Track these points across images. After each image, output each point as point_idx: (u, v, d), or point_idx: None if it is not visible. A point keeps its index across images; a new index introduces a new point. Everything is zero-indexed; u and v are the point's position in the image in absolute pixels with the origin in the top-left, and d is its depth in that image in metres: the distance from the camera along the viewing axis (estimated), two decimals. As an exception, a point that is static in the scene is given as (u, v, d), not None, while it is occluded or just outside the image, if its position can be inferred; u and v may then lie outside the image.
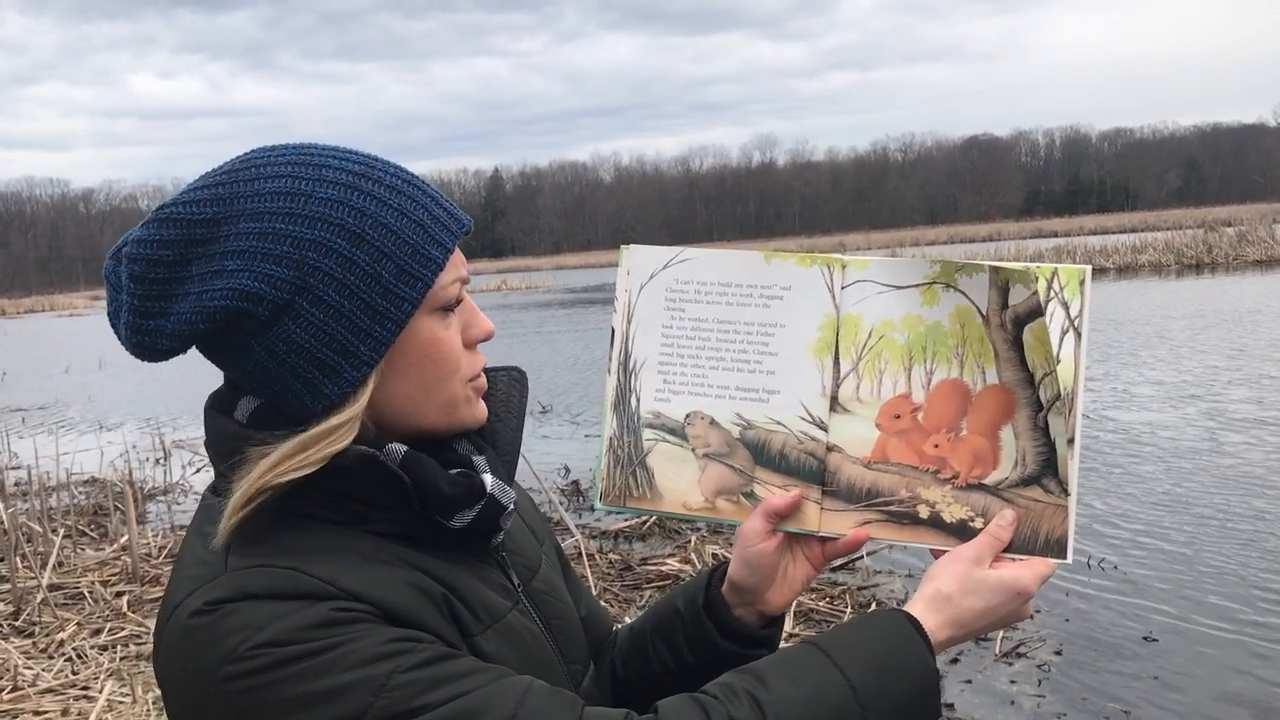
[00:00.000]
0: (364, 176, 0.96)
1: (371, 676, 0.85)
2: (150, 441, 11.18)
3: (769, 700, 0.93)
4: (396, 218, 0.96)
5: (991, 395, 1.09)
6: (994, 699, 4.20)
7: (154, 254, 0.93)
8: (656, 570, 5.88)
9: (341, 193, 0.95)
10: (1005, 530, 1.07)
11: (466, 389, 1.04)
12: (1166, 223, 53.89)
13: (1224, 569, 5.49)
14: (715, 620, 1.17)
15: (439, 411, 1.02)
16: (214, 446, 1.00)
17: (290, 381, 0.95)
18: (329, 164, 0.96)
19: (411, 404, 1.00)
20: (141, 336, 0.95)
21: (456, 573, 1.00)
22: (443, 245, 0.98)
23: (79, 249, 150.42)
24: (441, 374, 1.00)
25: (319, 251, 0.93)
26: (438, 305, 0.99)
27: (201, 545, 0.95)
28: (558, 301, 38.53)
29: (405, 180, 0.99)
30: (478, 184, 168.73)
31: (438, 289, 0.98)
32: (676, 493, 1.17)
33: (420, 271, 0.96)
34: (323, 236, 0.93)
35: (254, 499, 0.92)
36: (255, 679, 0.85)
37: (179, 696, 0.90)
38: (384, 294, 0.95)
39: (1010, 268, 1.08)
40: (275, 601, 0.87)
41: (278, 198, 0.94)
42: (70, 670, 4.63)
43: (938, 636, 1.01)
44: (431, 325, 0.99)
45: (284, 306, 0.93)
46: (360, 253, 0.94)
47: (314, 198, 0.94)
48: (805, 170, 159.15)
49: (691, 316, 1.17)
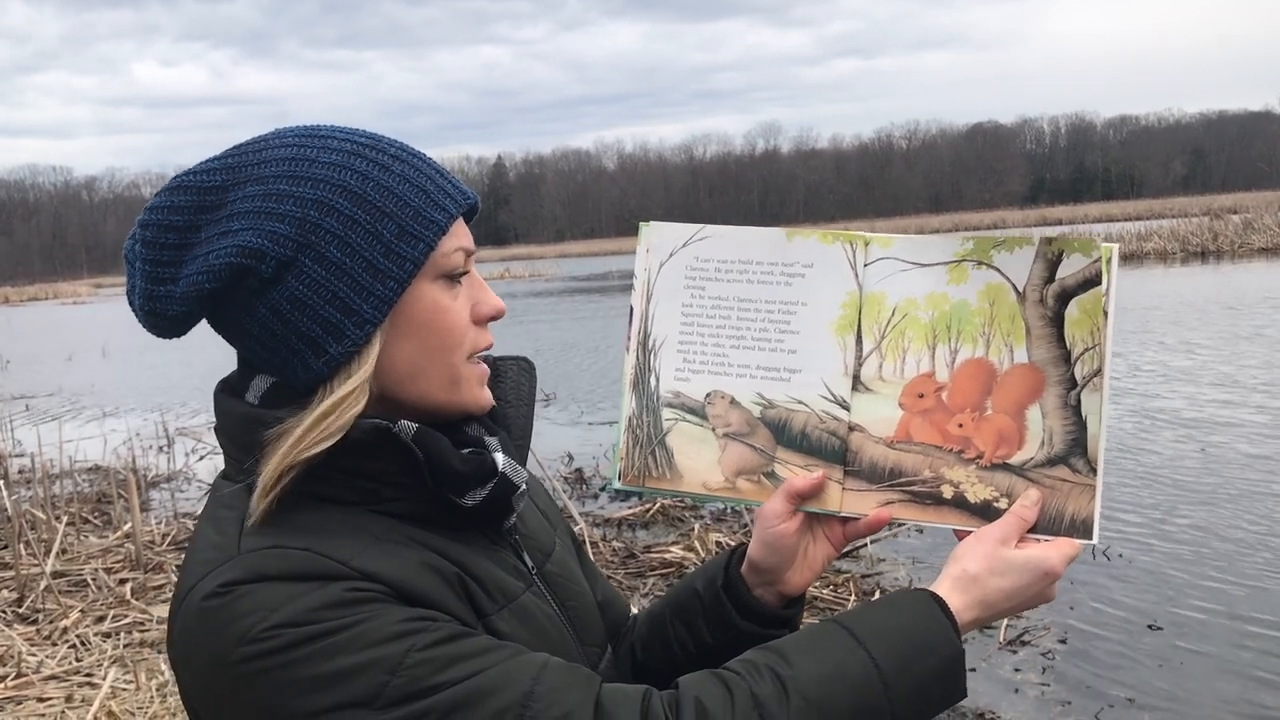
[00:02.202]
0: (368, 146, 0.99)
1: (387, 656, 0.85)
2: (154, 429, 11.20)
3: (791, 676, 0.91)
4: (398, 182, 0.97)
5: (1018, 374, 1.08)
6: (998, 687, 4.19)
7: (166, 219, 0.95)
8: (660, 558, 5.88)
9: (344, 158, 0.97)
10: (1031, 510, 1.05)
11: (471, 367, 1.03)
12: (1172, 210, 53.80)
13: (1231, 559, 5.48)
14: (735, 600, 1.16)
15: (442, 385, 1.01)
16: (226, 431, 0.99)
17: (295, 343, 0.95)
18: (335, 135, 0.99)
19: (416, 371, 0.99)
20: (153, 303, 0.96)
21: (470, 554, 1.00)
22: (445, 210, 0.99)
23: (82, 237, 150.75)
24: (445, 344, 1.00)
25: (321, 210, 0.94)
26: (441, 272, 0.99)
27: (214, 530, 0.95)
28: (561, 289, 38.55)
29: (409, 152, 1.01)
30: (481, 171, 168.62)
31: (440, 255, 0.98)
32: (696, 473, 1.15)
33: (421, 232, 0.96)
34: (325, 196, 0.95)
35: (282, 477, 0.92)
36: (270, 660, 0.84)
37: (195, 679, 0.90)
38: (385, 252, 0.95)
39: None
40: (289, 583, 0.87)
41: (282, 163, 0.96)
42: (74, 657, 4.64)
43: (963, 617, 1.00)
44: (435, 292, 0.99)
45: (287, 263, 0.94)
46: (361, 212, 0.95)
47: (317, 162, 0.96)
48: (809, 158, 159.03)
49: (712, 295, 1.15)
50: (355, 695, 0.84)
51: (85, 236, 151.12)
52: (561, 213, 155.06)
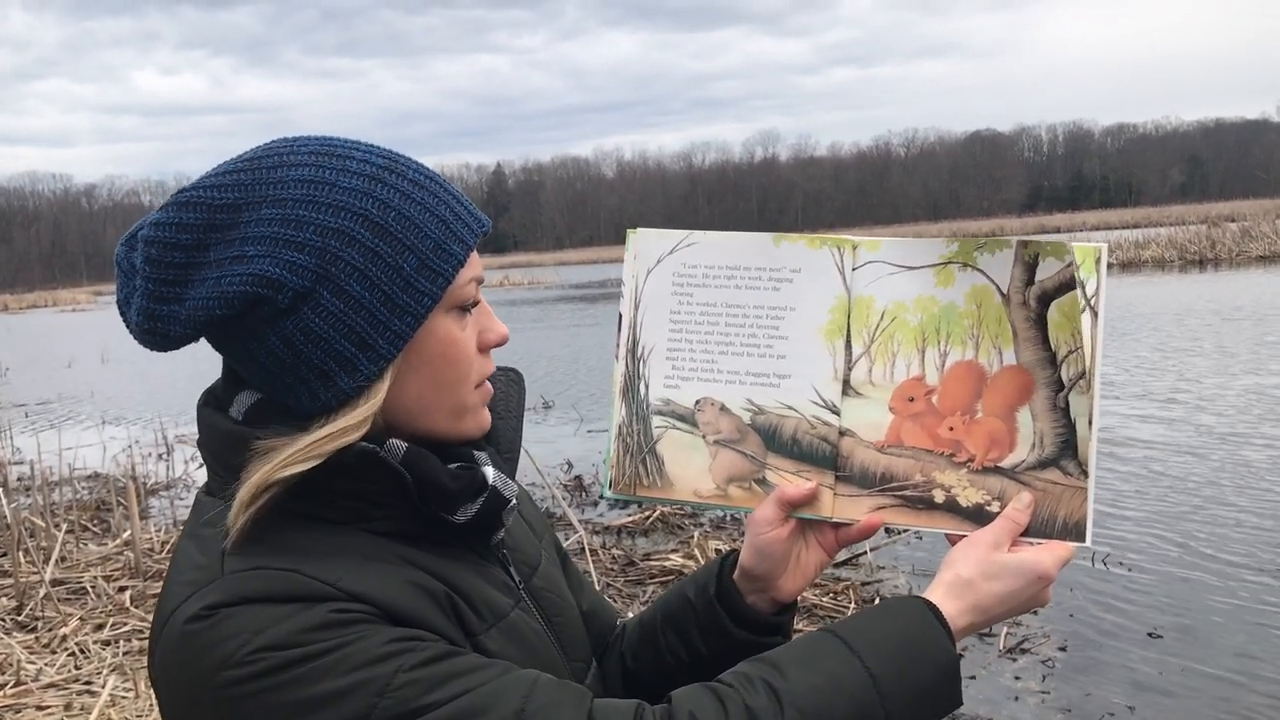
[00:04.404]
0: (388, 170, 0.94)
1: (375, 677, 0.84)
2: (153, 437, 11.18)
3: (786, 689, 0.90)
4: (420, 211, 0.94)
5: (1008, 376, 1.07)
6: (999, 694, 4.18)
7: (172, 237, 0.90)
8: (660, 565, 5.87)
9: (366, 184, 0.93)
10: (1023, 513, 1.05)
11: (477, 395, 1.01)
12: (1170, 218, 53.75)
13: (1231, 566, 5.46)
14: (728, 608, 1.15)
15: (448, 416, 1.00)
16: (209, 445, 0.97)
17: (304, 373, 0.92)
18: (353, 155, 0.95)
19: (422, 405, 0.98)
20: (154, 322, 0.92)
21: (459, 571, 0.98)
22: (464, 242, 0.96)
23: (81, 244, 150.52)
24: (455, 376, 0.98)
25: (342, 240, 0.91)
26: (456, 304, 0.97)
27: (196, 548, 0.93)
28: (560, 297, 38.52)
29: (428, 176, 0.97)
30: (480, 179, 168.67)
31: (456, 287, 0.96)
32: (687, 480, 1.15)
33: (442, 267, 0.94)
34: (347, 226, 0.91)
35: (259, 496, 0.89)
36: (255, 684, 0.83)
37: (176, 701, 0.88)
38: (405, 287, 0.92)
39: (1041, 240, 1.06)
40: (274, 605, 0.85)
41: (301, 185, 0.92)
42: (73, 665, 4.62)
43: (958, 623, 0.99)
44: (448, 324, 0.97)
45: (304, 295, 0.90)
46: (383, 244, 0.92)
47: (338, 187, 0.92)
48: (808, 165, 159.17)
49: (700, 301, 1.15)
50: (344, 717, 0.82)
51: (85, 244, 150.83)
52: (560, 220, 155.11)
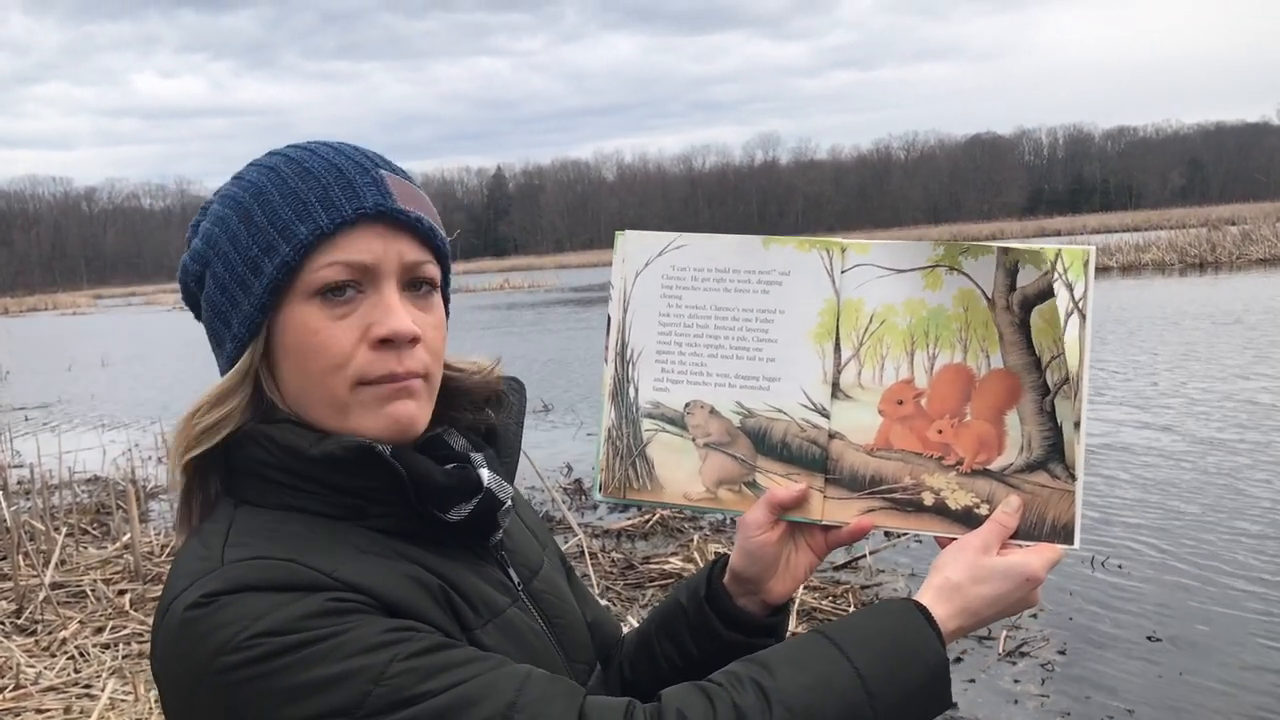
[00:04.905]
0: (286, 157, 1.00)
1: (370, 665, 0.85)
2: (152, 440, 11.17)
3: (774, 688, 0.91)
4: (280, 191, 0.97)
5: (996, 380, 1.08)
6: (998, 698, 4.18)
7: None
8: (659, 569, 5.87)
9: (256, 169, 1.00)
10: (1011, 516, 1.06)
11: (365, 393, 0.96)
12: (1170, 221, 53.71)
13: (1229, 568, 5.46)
14: (718, 611, 1.16)
15: (328, 410, 0.97)
16: None
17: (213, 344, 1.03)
18: (288, 152, 1.01)
19: (300, 395, 0.98)
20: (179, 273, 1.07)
21: (455, 567, 1.00)
22: (316, 223, 0.94)
23: (81, 247, 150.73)
24: (319, 367, 0.95)
25: (219, 225, 0.99)
26: (313, 289, 0.94)
27: (199, 542, 0.96)
28: (560, 300, 38.51)
29: (322, 157, 0.98)
30: (480, 182, 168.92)
31: (309, 271, 0.94)
32: (677, 483, 1.15)
33: (281, 247, 0.94)
34: (224, 212, 0.99)
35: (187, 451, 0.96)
36: (253, 669, 0.84)
37: (176, 690, 0.90)
38: (252, 268, 0.96)
39: (1020, 248, 1.06)
40: (272, 593, 0.87)
41: (231, 182, 1.03)
42: (73, 668, 4.62)
43: (948, 625, 0.99)
44: (305, 312, 0.95)
45: (200, 278, 1.01)
46: (243, 226, 0.97)
47: (239, 176, 1.01)
48: (808, 169, 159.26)
49: (689, 304, 1.14)
50: (337, 704, 0.83)
51: (85, 247, 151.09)
52: (561, 223, 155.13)
